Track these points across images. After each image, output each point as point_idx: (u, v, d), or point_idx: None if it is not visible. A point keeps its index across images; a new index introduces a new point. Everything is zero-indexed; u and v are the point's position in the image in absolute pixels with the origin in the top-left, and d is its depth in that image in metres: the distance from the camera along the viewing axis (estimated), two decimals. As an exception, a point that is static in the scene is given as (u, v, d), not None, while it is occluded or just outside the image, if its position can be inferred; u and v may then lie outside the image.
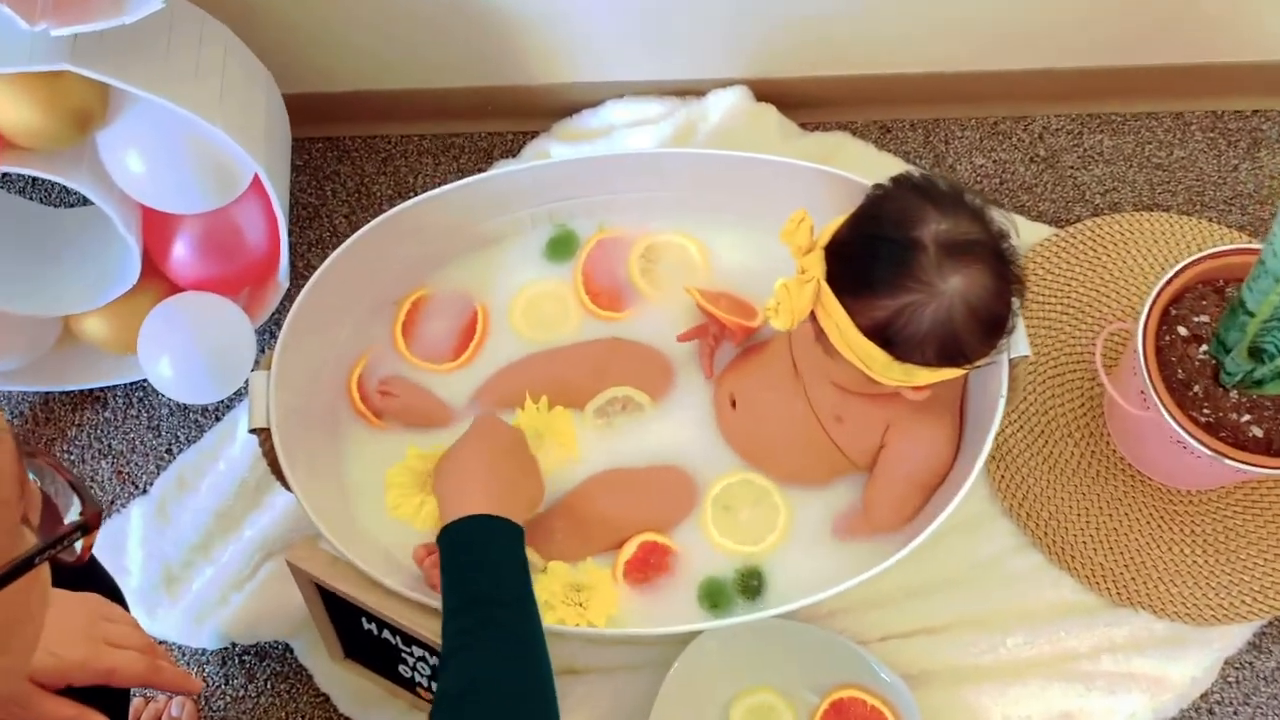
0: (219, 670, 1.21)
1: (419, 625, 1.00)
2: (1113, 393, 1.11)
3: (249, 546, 1.21)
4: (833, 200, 1.05)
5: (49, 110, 1.02)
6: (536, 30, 1.28)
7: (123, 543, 1.24)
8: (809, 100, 1.37)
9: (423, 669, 1.08)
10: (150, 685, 0.87)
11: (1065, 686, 1.15)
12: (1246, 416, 1.07)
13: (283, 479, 1.04)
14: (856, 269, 0.93)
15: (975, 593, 1.19)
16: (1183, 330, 1.11)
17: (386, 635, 1.06)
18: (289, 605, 1.16)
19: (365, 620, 1.06)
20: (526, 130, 1.40)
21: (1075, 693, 1.15)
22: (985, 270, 0.92)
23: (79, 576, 0.86)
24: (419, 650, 1.05)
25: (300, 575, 1.05)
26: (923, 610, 1.18)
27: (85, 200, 1.15)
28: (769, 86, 1.35)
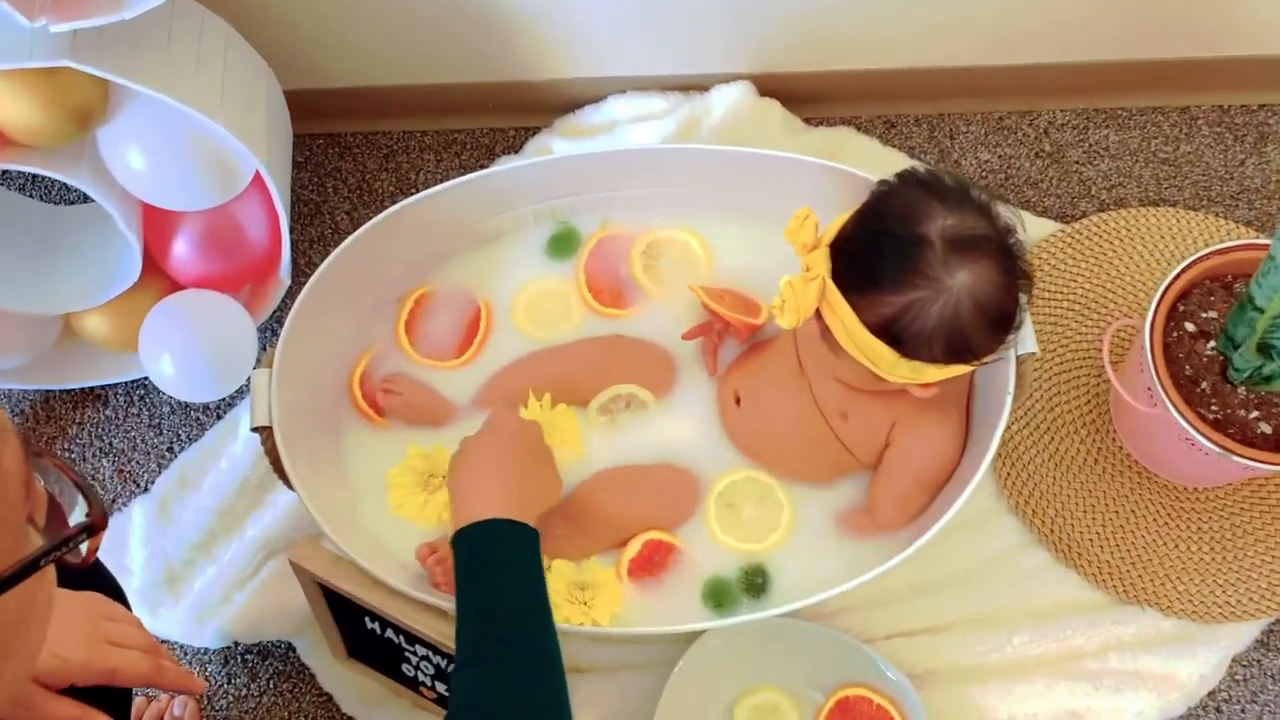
0: (221, 669, 1.21)
1: (422, 624, 1.00)
2: (1120, 389, 1.10)
3: (251, 545, 1.21)
4: (837, 196, 1.04)
5: (49, 107, 1.02)
6: (539, 25, 1.28)
7: (124, 541, 1.24)
8: (813, 95, 1.36)
9: (426, 668, 1.07)
10: (153, 685, 0.87)
11: (1072, 685, 1.15)
12: (1255, 413, 1.07)
13: (285, 477, 1.03)
14: (862, 266, 0.92)
15: (981, 591, 1.18)
16: (1190, 326, 1.10)
17: (390, 634, 1.06)
18: (291, 604, 1.16)
19: (368, 619, 1.06)
20: (529, 126, 1.40)
21: (1082, 691, 1.15)
22: (992, 266, 0.92)
23: (81, 576, 0.85)
24: (422, 649, 1.04)
25: (303, 574, 1.05)
26: (928, 608, 1.17)
27: (85, 197, 1.14)
28: (773, 81, 1.34)
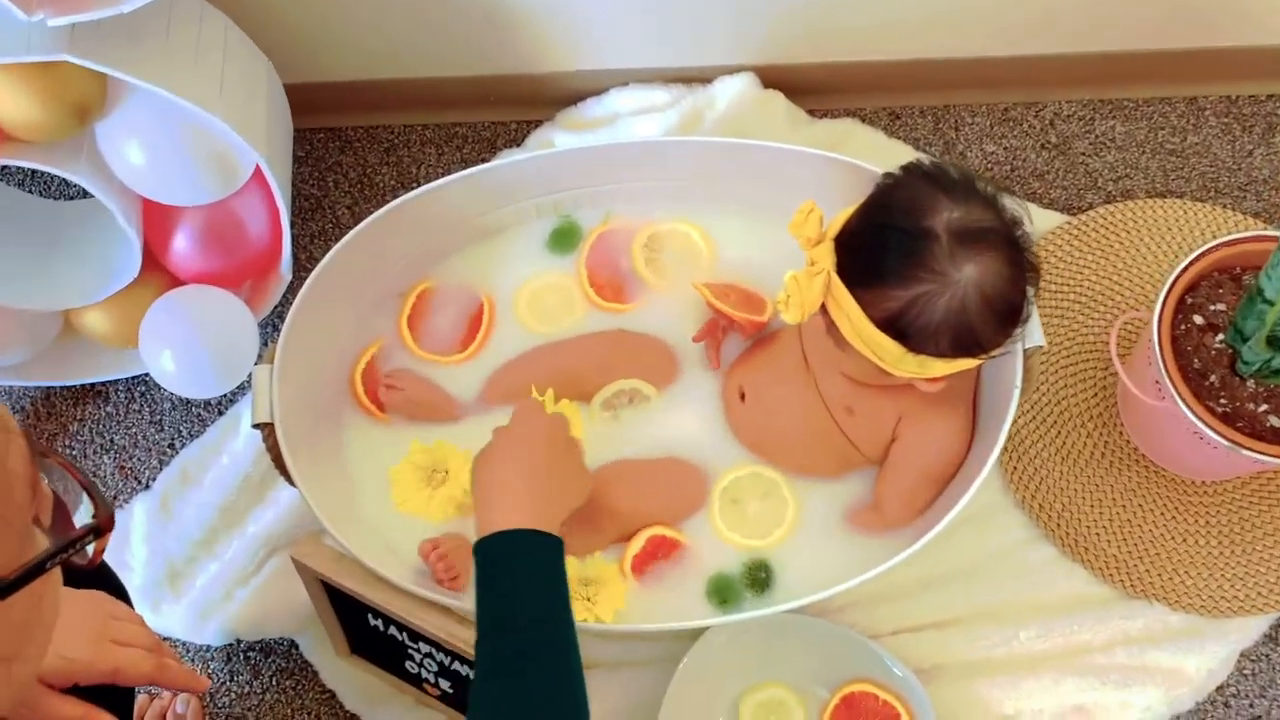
0: (224, 666, 1.20)
1: (425, 621, 0.99)
2: (1127, 383, 1.09)
3: (253, 542, 1.20)
4: (842, 188, 1.04)
5: (47, 101, 1.01)
6: (540, 17, 1.27)
7: (125, 538, 1.23)
8: (817, 87, 1.36)
9: (429, 665, 1.07)
10: (157, 684, 0.87)
11: (1079, 680, 1.14)
12: (1264, 406, 1.06)
13: (286, 474, 1.03)
14: (867, 260, 0.91)
15: (988, 585, 1.18)
16: (1199, 319, 1.09)
17: (392, 631, 1.05)
18: (294, 601, 1.15)
19: (371, 616, 1.05)
20: (530, 119, 1.39)
21: (1089, 686, 1.14)
22: (999, 258, 0.91)
23: (85, 574, 0.85)
24: (425, 646, 1.04)
25: (305, 571, 1.04)
26: (935, 603, 1.17)
27: (85, 193, 1.14)
28: (776, 73, 1.33)
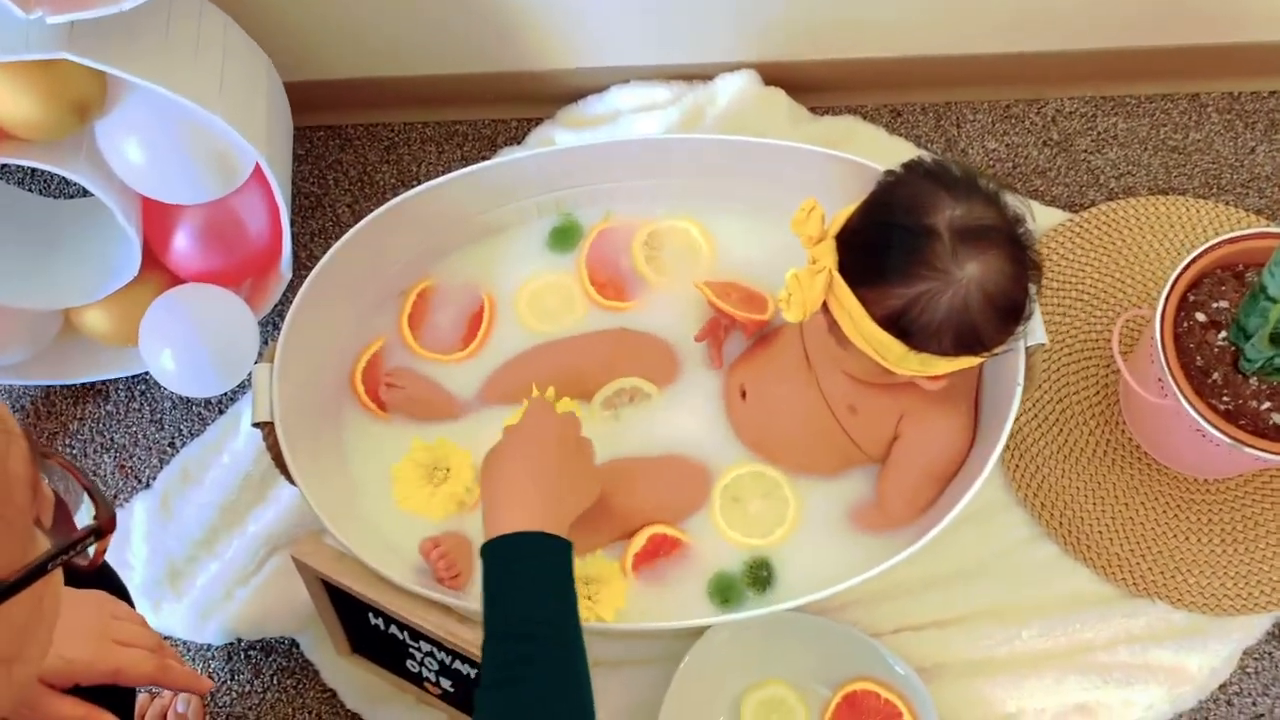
0: (225, 665, 1.20)
1: (426, 620, 0.99)
2: (1130, 380, 1.09)
3: (254, 541, 1.20)
4: (843, 185, 1.03)
5: (46, 100, 1.01)
6: (541, 15, 1.27)
7: (126, 537, 1.23)
8: (818, 84, 1.35)
9: (430, 664, 1.07)
10: (159, 684, 0.86)
11: (1081, 678, 1.14)
12: (1267, 404, 1.05)
13: (287, 473, 1.02)
14: (869, 258, 0.91)
15: (990, 584, 1.17)
16: (1201, 316, 1.09)
17: (393, 631, 1.05)
18: (295, 600, 1.15)
19: (371, 615, 1.05)
20: (531, 117, 1.39)
21: (1092, 684, 1.14)
22: (1001, 256, 0.91)
23: (86, 574, 0.85)
24: (426, 645, 1.04)
25: (305, 571, 1.04)
26: (936, 602, 1.16)
27: (85, 191, 1.13)
28: (777, 70, 1.33)
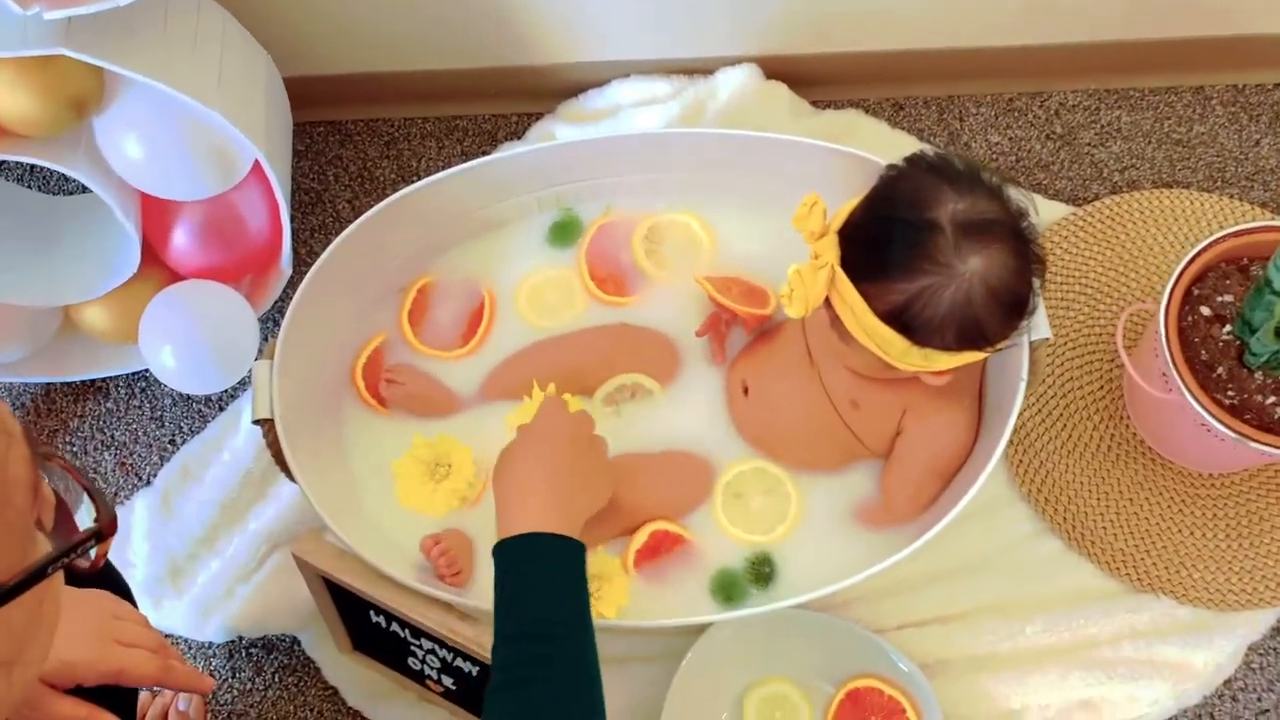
0: (226, 663, 1.20)
1: (427, 618, 0.99)
2: (1134, 375, 1.09)
3: (254, 539, 1.20)
4: (846, 180, 1.03)
5: (44, 95, 1.00)
6: (540, 9, 1.26)
7: (127, 535, 1.23)
8: (820, 78, 1.35)
9: (432, 661, 1.06)
10: (161, 685, 0.86)
11: (1085, 674, 1.14)
12: (1272, 398, 1.05)
13: (287, 470, 1.02)
14: (871, 253, 0.90)
15: (993, 580, 1.17)
16: (1206, 310, 1.08)
17: (395, 628, 1.04)
18: (296, 598, 1.15)
19: (373, 613, 1.05)
20: (531, 112, 1.38)
21: (1096, 680, 1.14)
22: (1005, 250, 0.90)
23: (88, 574, 0.84)
24: (428, 643, 1.03)
25: (306, 568, 1.04)
26: (940, 598, 1.16)
27: (84, 188, 1.13)
28: (779, 64, 1.32)
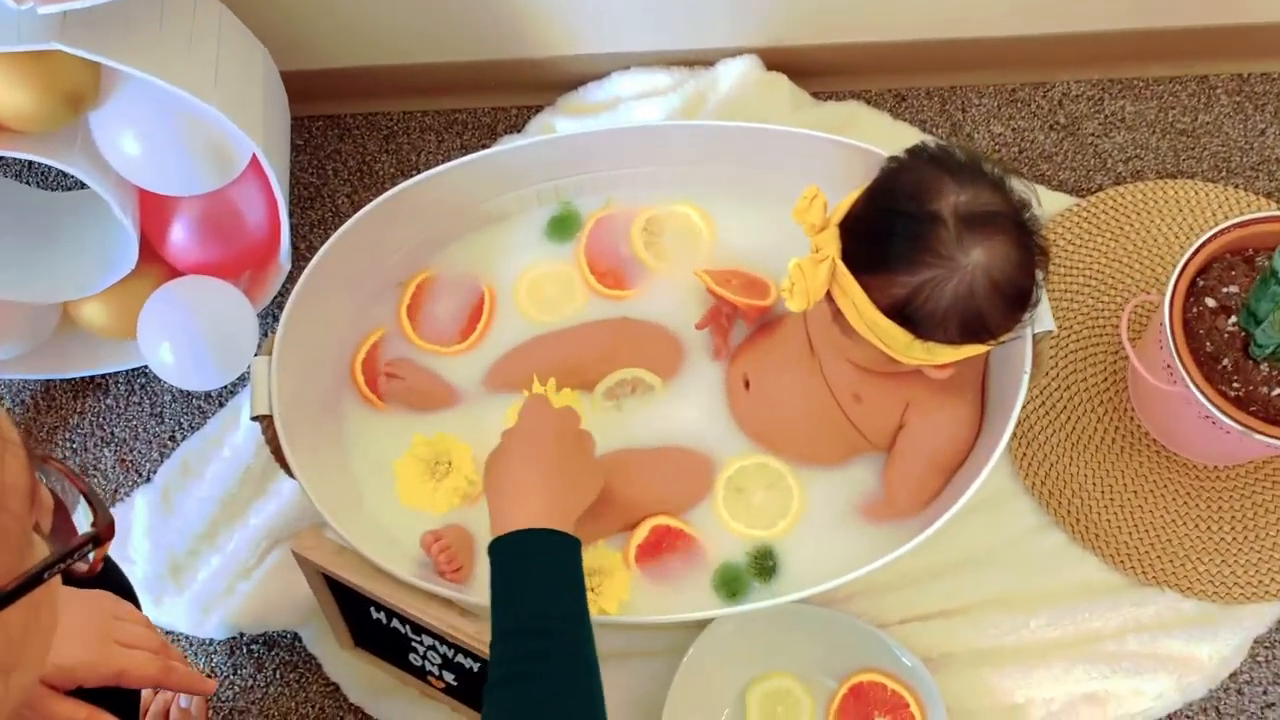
0: (227, 660, 1.20)
1: (428, 614, 0.98)
2: (1138, 367, 1.08)
3: (255, 535, 1.19)
4: (847, 172, 1.02)
5: (39, 91, 1.00)
6: (540, 1, 1.25)
7: (127, 532, 1.23)
8: (821, 69, 1.34)
9: (433, 658, 1.06)
10: (162, 686, 0.86)
11: (1090, 668, 1.13)
12: (1277, 390, 1.04)
13: (286, 466, 1.02)
14: (873, 246, 0.89)
15: (997, 573, 1.16)
16: (1211, 301, 1.07)
17: (395, 624, 1.04)
18: (296, 594, 1.15)
19: (373, 609, 1.04)
20: (531, 105, 1.37)
21: (1100, 674, 1.13)
22: (1007, 242, 0.89)
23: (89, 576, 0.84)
24: (429, 639, 1.03)
25: (306, 565, 1.03)
26: (943, 592, 1.15)
27: (81, 184, 1.12)
28: (780, 55, 1.32)
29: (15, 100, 1.00)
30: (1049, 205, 1.28)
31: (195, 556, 1.21)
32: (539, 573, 0.83)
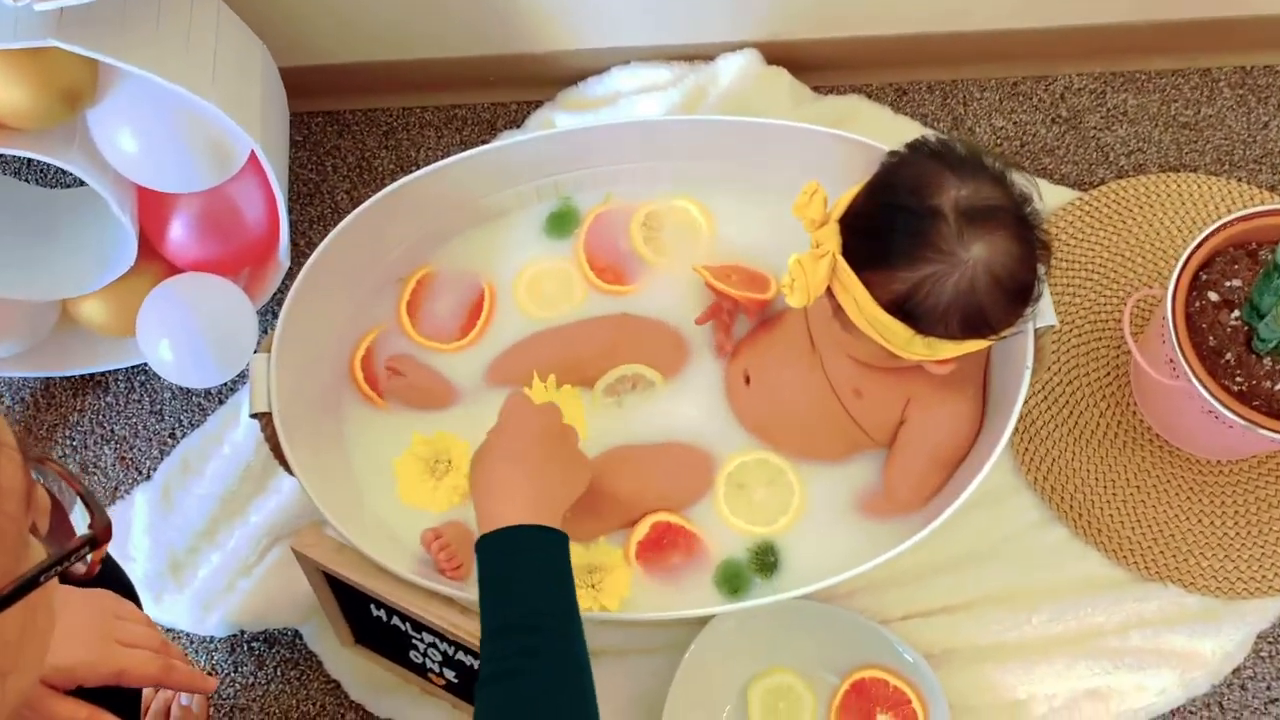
0: (228, 657, 1.20)
1: (428, 612, 0.98)
2: (1141, 361, 1.07)
3: (255, 532, 1.19)
4: (848, 166, 1.02)
5: (36, 88, 0.99)
6: (539, -5, 1.25)
7: (127, 529, 1.23)
8: (822, 63, 1.33)
9: (433, 655, 1.06)
10: (163, 685, 0.86)
11: (1092, 663, 1.13)
12: (1281, 384, 1.04)
13: (285, 464, 1.01)
14: (873, 242, 0.89)
15: (999, 569, 1.16)
16: (1214, 296, 1.07)
17: (395, 622, 1.04)
18: (297, 592, 1.14)
19: (374, 607, 1.04)
20: (530, 100, 1.37)
21: (1103, 669, 1.13)
22: (1008, 236, 0.89)
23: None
24: (429, 636, 1.03)
25: (306, 562, 1.03)
26: (945, 587, 1.15)
27: (80, 181, 1.12)
28: (780, 49, 1.31)
29: (12, 97, 0.99)
30: (1051, 199, 1.28)
31: (196, 554, 1.21)
32: (527, 569, 0.83)
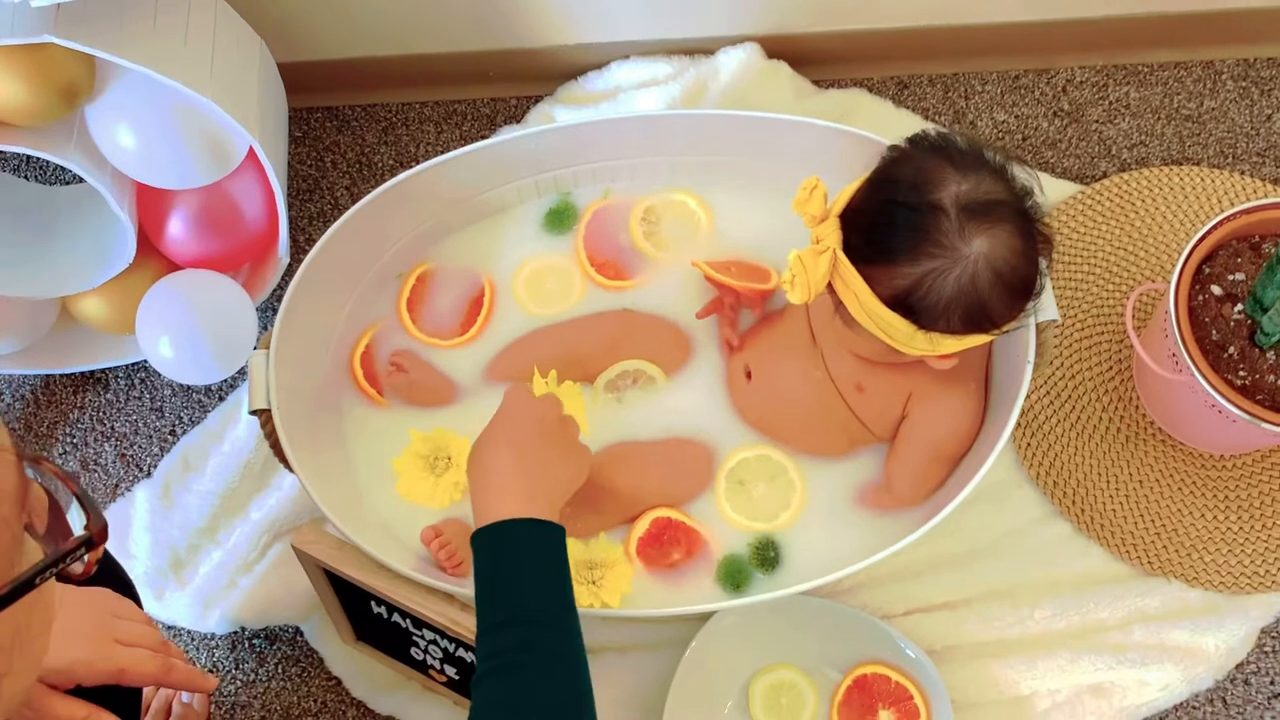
0: (229, 655, 1.20)
1: (428, 608, 0.98)
2: (1143, 356, 1.07)
3: (256, 529, 1.19)
4: (849, 160, 1.01)
5: (34, 84, 0.99)
6: (538, -10, 1.25)
7: (128, 527, 1.22)
8: (823, 57, 1.33)
9: (434, 652, 1.06)
10: (163, 684, 0.86)
11: (1095, 659, 1.13)
12: (1284, 378, 1.03)
13: (285, 461, 1.01)
14: (874, 237, 0.89)
15: (1001, 564, 1.16)
16: (1217, 289, 1.06)
17: (396, 619, 1.04)
18: (298, 588, 1.14)
19: (374, 604, 1.04)
20: (530, 95, 1.37)
21: (1106, 665, 1.12)
22: (1010, 231, 0.88)
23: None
24: (430, 634, 1.03)
25: (306, 560, 1.03)
26: (947, 583, 1.15)
27: (79, 178, 1.12)
28: (781, 43, 1.31)
29: (10, 94, 0.99)
30: (1053, 193, 1.27)
31: (196, 551, 1.21)
32: (523, 563, 0.82)
